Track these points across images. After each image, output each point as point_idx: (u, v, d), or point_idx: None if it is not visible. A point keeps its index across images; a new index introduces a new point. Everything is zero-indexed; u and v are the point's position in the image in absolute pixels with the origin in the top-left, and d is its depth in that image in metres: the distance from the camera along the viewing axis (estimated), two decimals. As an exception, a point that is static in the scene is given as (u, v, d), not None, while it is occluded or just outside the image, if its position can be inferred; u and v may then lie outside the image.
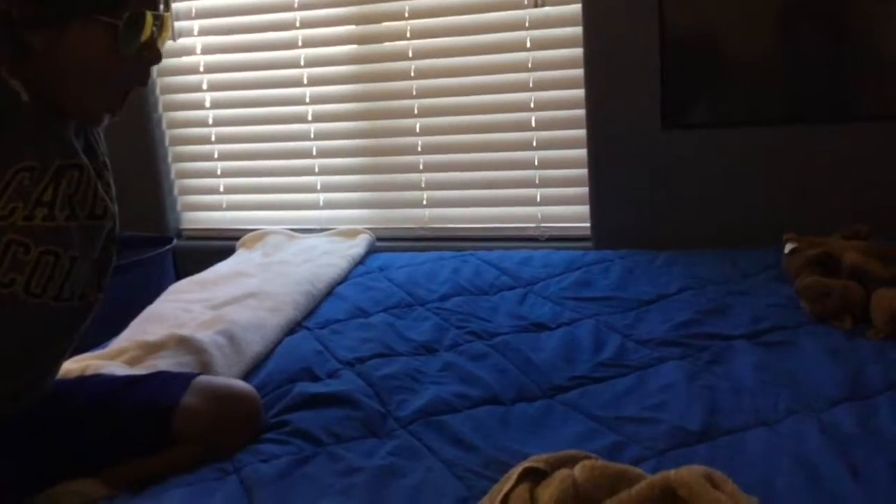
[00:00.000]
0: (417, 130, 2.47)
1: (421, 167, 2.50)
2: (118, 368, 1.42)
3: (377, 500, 1.05)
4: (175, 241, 2.60)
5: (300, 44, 2.51)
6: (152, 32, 1.09)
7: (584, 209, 2.31)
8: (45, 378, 1.23)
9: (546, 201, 2.40)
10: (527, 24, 2.28)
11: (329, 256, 2.18)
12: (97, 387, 1.30)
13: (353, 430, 1.29)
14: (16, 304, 1.08)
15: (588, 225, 2.31)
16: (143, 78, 1.14)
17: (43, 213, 1.08)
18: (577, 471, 0.84)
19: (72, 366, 1.38)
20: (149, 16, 1.07)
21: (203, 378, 1.33)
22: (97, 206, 1.16)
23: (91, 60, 1.06)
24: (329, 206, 2.62)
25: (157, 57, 1.12)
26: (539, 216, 2.41)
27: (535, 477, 0.84)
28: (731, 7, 2.08)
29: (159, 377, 1.32)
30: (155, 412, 1.24)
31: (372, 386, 1.42)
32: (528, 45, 2.30)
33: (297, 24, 2.50)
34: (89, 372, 1.37)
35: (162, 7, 1.11)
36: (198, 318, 1.70)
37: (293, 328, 1.74)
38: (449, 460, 1.15)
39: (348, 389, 1.39)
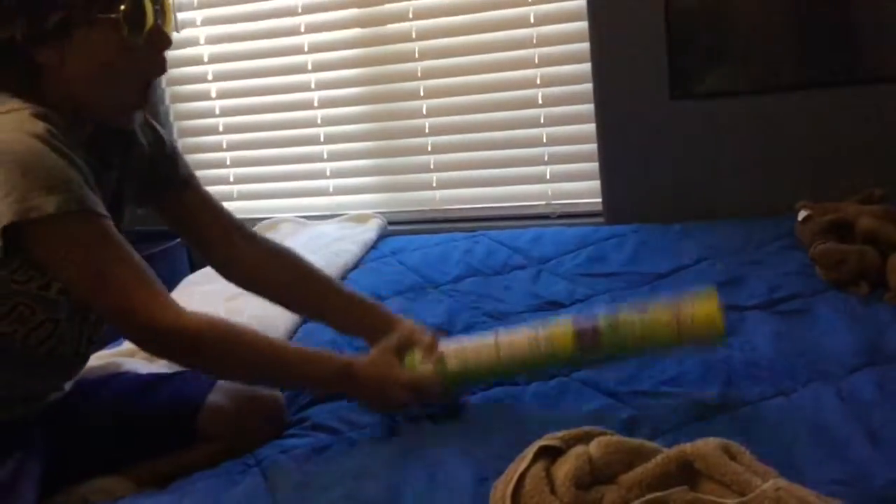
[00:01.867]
0: (424, 112, 2.46)
1: (429, 149, 2.49)
2: (139, 364, 1.43)
3: (394, 482, 1.06)
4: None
5: (303, 30, 2.50)
6: (155, 18, 1.08)
7: (595, 184, 2.30)
8: (55, 390, 1.24)
9: (556, 178, 2.38)
10: (530, 0, 2.26)
11: (341, 242, 2.18)
12: (122, 385, 1.32)
13: (370, 415, 1.29)
14: (13, 348, 1.11)
15: (599, 200, 2.29)
16: (160, 65, 1.13)
17: (58, 287, 1.09)
18: (593, 447, 0.84)
19: (93, 363, 1.39)
20: (147, 3, 1.07)
21: None
22: None
23: (104, 61, 1.06)
24: (339, 191, 2.62)
25: (167, 41, 1.11)
26: (549, 193, 2.40)
27: (550, 455, 0.84)
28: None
29: (184, 376, 1.33)
30: (181, 411, 1.27)
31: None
32: (532, 20, 2.28)
33: (300, 10, 2.49)
34: (110, 370, 1.39)
35: None
36: (214, 310, 1.69)
37: (308, 316, 1.75)
38: (465, 441, 1.16)
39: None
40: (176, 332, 1.05)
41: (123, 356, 1.47)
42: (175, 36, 2.49)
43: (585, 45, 2.19)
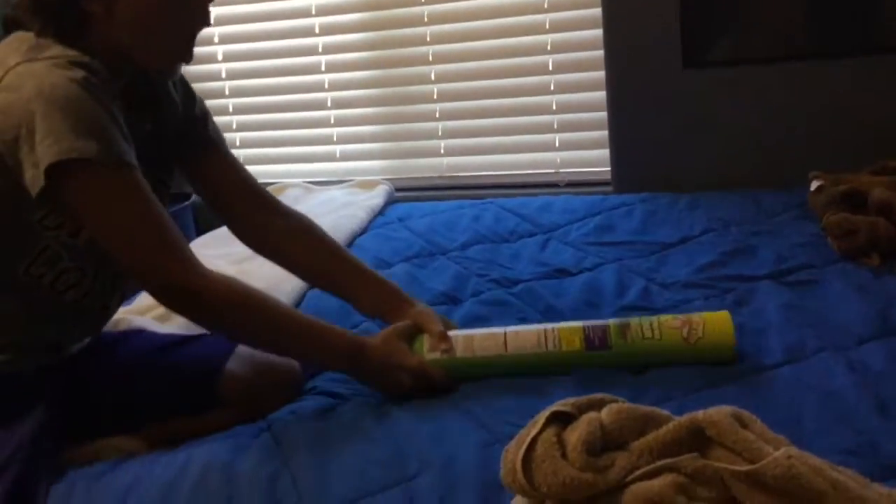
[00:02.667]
0: (433, 78, 2.43)
1: (437, 115, 2.47)
2: (151, 323, 1.43)
3: (401, 444, 1.06)
4: (194, 197, 2.60)
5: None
6: None
7: (604, 153, 2.28)
8: (71, 343, 1.25)
9: (565, 146, 2.37)
10: (542, -35, 2.24)
11: (348, 208, 2.18)
12: (143, 344, 1.34)
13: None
14: (41, 292, 1.13)
15: (608, 169, 2.27)
16: (205, 16, 1.15)
17: (87, 237, 1.10)
18: (605, 413, 0.84)
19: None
20: None
21: None
22: None
23: (151, 11, 1.08)
24: (346, 157, 2.61)
25: None
26: (558, 161, 2.39)
27: (562, 421, 0.84)
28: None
29: (203, 340, 1.34)
30: (200, 376, 1.27)
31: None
32: (544, -15, 2.25)
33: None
34: (122, 326, 1.40)
35: None
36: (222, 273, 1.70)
37: (315, 281, 1.74)
38: (472, 407, 1.16)
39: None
40: (197, 292, 1.06)
41: (134, 314, 1.47)
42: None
43: (597, 12, 2.16)
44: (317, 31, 2.51)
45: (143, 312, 1.49)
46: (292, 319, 1.18)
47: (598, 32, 2.18)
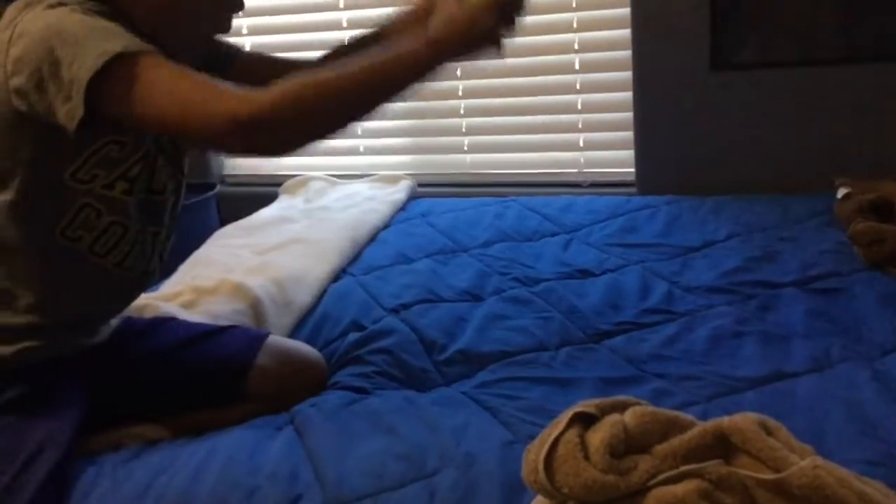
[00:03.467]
0: (458, 74, 2.43)
1: (462, 112, 2.47)
2: (177, 311, 1.44)
3: (423, 440, 1.07)
4: (218, 187, 2.62)
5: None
6: None
7: (628, 154, 2.27)
8: (107, 318, 1.26)
9: (589, 146, 2.36)
10: (571, -36, 2.23)
11: (371, 202, 2.18)
12: (173, 334, 1.34)
13: (399, 379, 1.30)
14: (79, 258, 1.12)
15: (632, 170, 2.27)
16: (227, 24, 1.17)
17: (123, 188, 1.10)
18: (628, 416, 0.84)
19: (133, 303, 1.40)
20: None
21: (275, 339, 1.36)
22: (170, 182, 1.19)
23: (180, 6, 1.09)
24: (370, 151, 2.61)
25: (241, 5, 1.15)
26: (582, 161, 2.38)
27: (585, 422, 0.84)
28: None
29: (234, 334, 1.35)
30: (230, 370, 1.28)
31: (416, 332, 1.42)
32: (573, -16, 2.24)
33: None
34: (149, 313, 1.40)
35: None
36: (245, 264, 1.72)
37: (338, 274, 1.75)
38: (494, 406, 1.16)
39: (393, 338, 1.40)
40: (271, 107, 0.96)
41: (161, 300, 1.48)
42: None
43: (626, 11, 2.15)
44: (344, 24, 2.51)
45: (169, 299, 1.50)
46: (354, 64, 1.02)
47: (625, 32, 2.17)
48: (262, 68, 1.31)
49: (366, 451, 1.06)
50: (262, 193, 2.50)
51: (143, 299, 1.48)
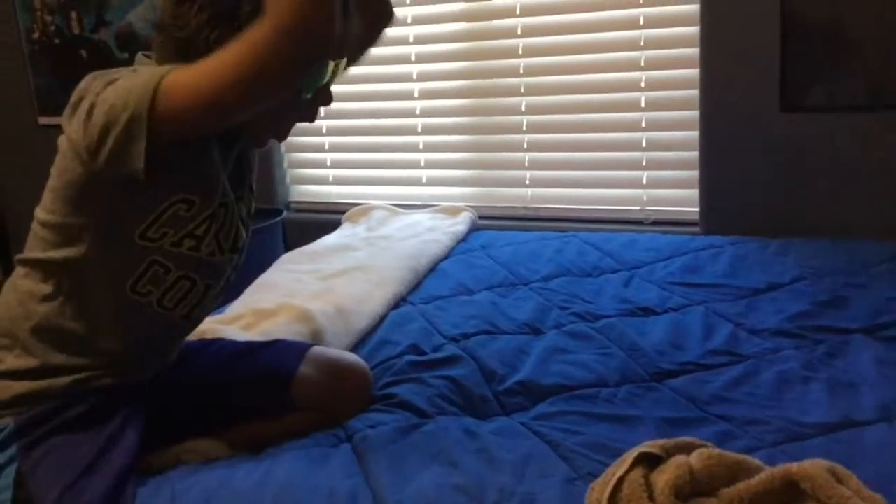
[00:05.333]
0: (523, 109, 2.46)
1: (525, 146, 2.49)
2: (235, 333, 1.48)
3: (483, 473, 1.07)
4: (284, 213, 2.68)
5: (409, 21, 2.54)
6: (329, 77, 1.14)
7: (692, 193, 2.26)
8: (169, 355, 1.30)
9: (652, 184, 2.35)
10: (641, 2, 2.23)
11: (432, 233, 2.20)
12: (221, 352, 1.37)
13: (459, 405, 1.31)
14: (147, 312, 1.16)
15: (696, 209, 2.25)
16: (312, 116, 1.20)
17: (190, 245, 1.14)
18: (694, 458, 0.83)
19: (195, 327, 1.44)
20: (331, 64, 1.12)
21: (317, 349, 1.38)
22: (238, 240, 1.22)
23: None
24: (432, 182, 2.65)
25: (329, 99, 1.18)
26: (644, 199, 2.37)
27: (650, 462, 0.83)
28: (858, -16, 1.98)
29: (277, 346, 1.38)
30: (275, 380, 1.31)
31: (476, 361, 1.43)
32: (642, 22, 2.25)
33: (408, 1, 2.52)
34: (208, 336, 1.44)
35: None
36: (308, 289, 1.75)
37: (398, 302, 1.77)
38: (554, 440, 1.16)
39: (453, 365, 1.42)
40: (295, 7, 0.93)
41: (222, 324, 1.52)
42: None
43: (694, 51, 2.15)
44: (413, 59, 2.56)
45: (230, 322, 1.54)
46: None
47: (693, 72, 2.17)
48: None
49: (426, 481, 1.06)
50: (325, 220, 2.56)
51: (206, 324, 1.53)
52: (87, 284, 1.13)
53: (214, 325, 1.53)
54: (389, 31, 2.58)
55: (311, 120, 1.20)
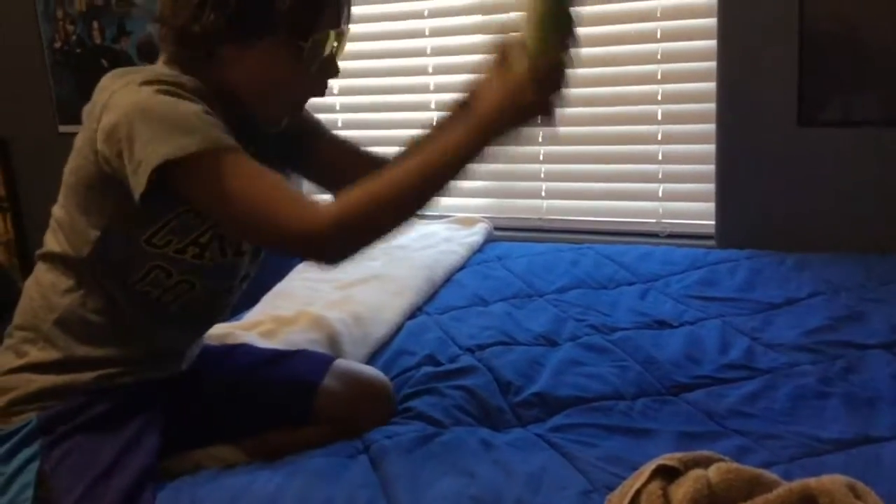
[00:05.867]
0: (538, 121, 2.46)
1: (541, 157, 2.49)
2: (256, 339, 1.49)
3: (499, 486, 1.07)
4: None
5: (427, 33, 2.55)
6: (332, 48, 1.14)
7: (708, 206, 2.25)
8: (180, 352, 1.30)
9: (668, 197, 2.35)
10: (658, 15, 2.24)
11: (448, 243, 2.21)
12: (245, 359, 1.39)
13: (475, 416, 1.31)
14: (149, 306, 1.18)
15: (712, 223, 2.24)
16: (322, 90, 1.19)
17: (194, 252, 1.15)
18: (712, 472, 0.83)
19: (214, 331, 1.45)
20: (332, 34, 1.13)
21: (342, 362, 1.39)
22: (242, 243, 1.22)
23: (275, 75, 1.12)
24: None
25: (336, 71, 1.17)
26: (660, 211, 2.37)
27: (667, 475, 0.84)
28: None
29: (301, 357, 1.39)
30: (299, 391, 1.32)
31: (492, 372, 1.44)
32: (659, 36, 2.25)
33: (426, 13, 2.54)
34: (229, 341, 1.45)
35: (343, 23, 1.15)
36: (325, 297, 1.77)
37: (414, 312, 1.78)
38: (570, 451, 1.16)
39: (470, 376, 1.42)
40: (337, 221, 1.02)
41: (242, 329, 1.53)
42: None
43: (712, 65, 2.15)
44: (430, 70, 2.58)
45: (250, 329, 1.55)
46: (411, 164, 1.06)
47: (710, 85, 2.17)
48: (342, 156, 1.37)
49: (442, 491, 1.07)
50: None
51: (225, 328, 1.54)
52: (101, 279, 1.15)
53: (235, 331, 1.54)
54: (406, 44, 2.61)
55: (322, 94, 1.19)
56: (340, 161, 1.36)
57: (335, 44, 1.14)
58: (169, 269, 1.15)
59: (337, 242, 1.04)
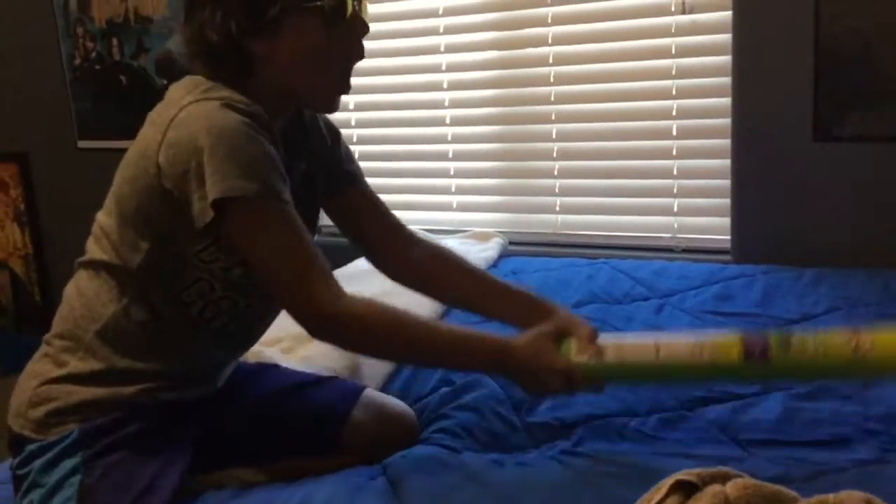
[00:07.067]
0: (554, 136, 2.47)
1: (556, 172, 2.50)
2: (276, 354, 1.50)
3: (514, 500, 1.07)
4: (316, 237, 2.70)
5: (442, 49, 2.57)
6: (353, 5, 1.15)
7: (724, 221, 2.25)
8: (216, 370, 1.31)
9: (683, 212, 2.35)
10: (673, 31, 2.25)
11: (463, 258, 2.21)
12: (276, 382, 1.40)
13: (488, 433, 1.32)
14: (191, 320, 1.18)
15: (727, 238, 2.24)
16: (360, 50, 1.20)
17: (239, 272, 1.16)
18: (730, 488, 0.83)
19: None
20: None
21: (370, 393, 1.41)
22: None
23: (310, 48, 1.14)
24: (463, 208, 2.67)
25: (365, 27, 1.18)
26: (675, 226, 2.37)
27: (685, 491, 0.83)
28: (893, 14, 1.98)
29: (332, 385, 1.41)
30: (327, 421, 1.33)
31: (505, 389, 1.44)
32: (674, 51, 2.26)
33: (441, 30, 2.56)
34: (251, 357, 1.45)
35: None
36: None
37: (429, 328, 1.78)
38: (583, 469, 1.16)
39: (481, 392, 1.43)
40: (346, 319, 1.10)
41: (262, 345, 1.54)
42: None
43: (727, 80, 2.16)
44: (445, 86, 2.59)
45: (270, 344, 1.56)
46: (432, 332, 1.17)
47: (725, 101, 2.18)
48: (367, 211, 1.39)
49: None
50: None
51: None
52: (146, 289, 1.16)
53: (258, 347, 1.55)
54: (421, 60, 2.63)
55: (362, 54, 1.21)
56: (366, 217, 1.40)
57: (354, 1, 1.15)
58: (213, 283, 1.15)
59: (339, 335, 1.14)
